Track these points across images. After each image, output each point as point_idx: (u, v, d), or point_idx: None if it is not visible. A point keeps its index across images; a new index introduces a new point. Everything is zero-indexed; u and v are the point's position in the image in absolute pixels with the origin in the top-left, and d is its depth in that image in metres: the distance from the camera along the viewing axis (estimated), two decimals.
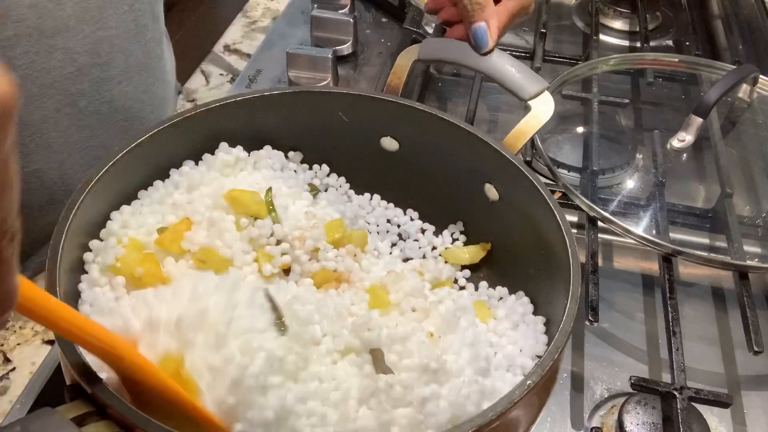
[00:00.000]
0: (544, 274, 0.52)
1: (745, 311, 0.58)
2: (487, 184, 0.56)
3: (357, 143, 0.60)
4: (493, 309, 0.53)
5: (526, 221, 0.53)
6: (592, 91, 0.81)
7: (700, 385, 0.53)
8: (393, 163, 0.60)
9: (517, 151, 0.56)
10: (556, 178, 0.66)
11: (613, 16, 1.02)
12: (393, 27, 0.96)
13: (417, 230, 0.60)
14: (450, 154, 0.57)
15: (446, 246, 0.58)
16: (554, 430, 0.53)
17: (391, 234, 0.59)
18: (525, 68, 0.59)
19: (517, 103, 0.57)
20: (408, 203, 0.61)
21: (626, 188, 0.73)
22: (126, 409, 0.35)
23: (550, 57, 0.89)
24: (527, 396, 0.38)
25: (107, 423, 0.35)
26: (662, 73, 0.87)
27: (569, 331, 0.42)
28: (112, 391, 0.35)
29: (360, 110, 0.58)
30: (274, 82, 0.84)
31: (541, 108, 0.57)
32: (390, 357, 0.42)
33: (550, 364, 0.40)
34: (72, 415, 0.34)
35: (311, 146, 0.60)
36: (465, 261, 0.57)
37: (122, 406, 0.35)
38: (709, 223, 0.71)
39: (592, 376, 0.57)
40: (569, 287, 0.45)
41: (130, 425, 0.35)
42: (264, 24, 0.96)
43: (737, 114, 0.84)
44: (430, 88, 0.87)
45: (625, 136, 0.80)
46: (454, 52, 0.61)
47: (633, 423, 0.50)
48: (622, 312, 0.63)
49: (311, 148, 0.60)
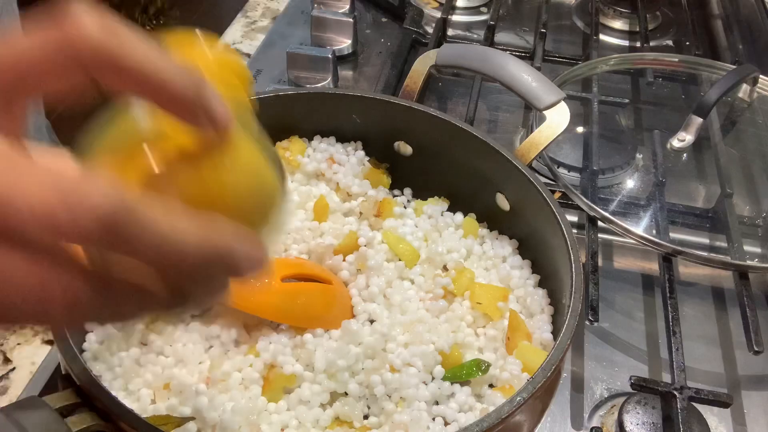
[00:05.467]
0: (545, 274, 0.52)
1: (745, 311, 0.58)
2: (498, 194, 0.56)
3: (369, 146, 0.60)
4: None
5: (534, 231, 0.53)
6: (592, 91, 0.81)
7: (700, 385, 0.53)
8: (406, 167, 0.60)
9: (529, 161, 0.56)
10: (556, 178, 0.66)
11: (613, 16, 1.02)
12: (393, 27, 0.96)
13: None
14: (462, 161, 0.57)
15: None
16: (554, 430, 0.53)
17: None
18: (542, 78, 0.59)
19: (517, 103, 0.57)
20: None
21: (626, 188, 0.73)
22: (112, 402, 0.35)
23: (550, 57, 0.89)
24: (530, 400, 0.38)
25: (92, 414, 0.35)
26: (662, 73, 0.87)
27: (572, 332, 0.42)
28: (100, 384, 0.36)
29: (374, 113, 0.58)
30: (274, 82, 0.84)
31: (557, 118, 0.57)
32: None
33: (553, 366, 0.40)
34: (58, 405, 0.35)
35: None
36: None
37: (108, 399, 0.36)
38: (709, 223, 0.71)
39: (592, 376, 0.57)
40: (570, 287, 0.45)
41: (115, 417, 0.35)
42: (264, 24, 0.96)
43: (737, 114, 0.84)
44: (431, 87, 0.87)
45: (625, 136, 0.80)
46: (472, 58, 0.61)
47: (633, 423, 0.50)
48: (622, 312, 0.63)
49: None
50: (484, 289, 0.52)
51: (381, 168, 0.60)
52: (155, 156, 0.27)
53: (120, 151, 0.27)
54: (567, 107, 0.57)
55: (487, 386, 0.48)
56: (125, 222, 0.22)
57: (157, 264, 0.24)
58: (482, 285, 0.52)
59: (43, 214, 0.21)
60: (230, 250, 0.25)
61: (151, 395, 0.45)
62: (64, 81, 0.25)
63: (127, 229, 0.22)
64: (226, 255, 0.25)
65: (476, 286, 0.52)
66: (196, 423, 0.43)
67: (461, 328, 0.50)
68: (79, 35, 0.23)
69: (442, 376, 0.47)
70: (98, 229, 0.21)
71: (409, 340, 0.48)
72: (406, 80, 0.63)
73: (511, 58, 0.60)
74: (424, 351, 0.47)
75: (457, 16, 1.00)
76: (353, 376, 0.46)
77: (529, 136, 0.57)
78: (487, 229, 0.58)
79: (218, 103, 0.26)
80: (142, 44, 0.24)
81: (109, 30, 0.24)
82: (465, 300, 0.51)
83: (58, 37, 0.23)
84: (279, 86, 0.81)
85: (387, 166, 0.61)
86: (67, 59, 0.24)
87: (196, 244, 0.24)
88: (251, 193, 0.29)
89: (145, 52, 0.24)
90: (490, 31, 0.91)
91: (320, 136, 0.60)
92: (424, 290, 0.52)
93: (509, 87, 0.59)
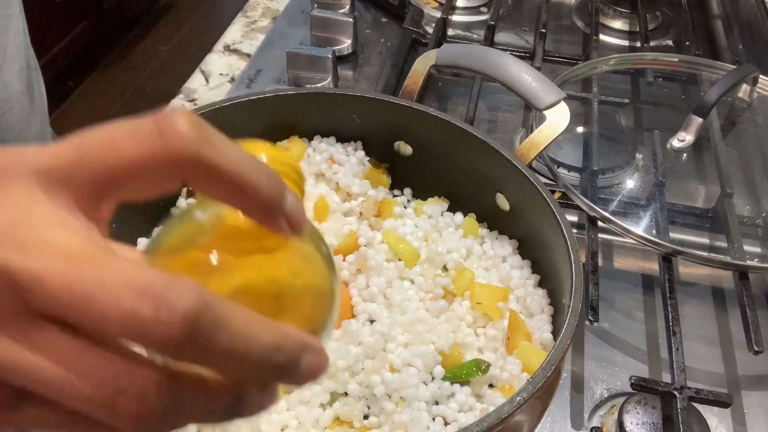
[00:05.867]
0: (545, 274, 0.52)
1: (745, 311, 0.58)
2: (498, 194, 0.56)
3: (369, 146, 0.60)
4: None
5: (534, 231, 0.53)
6: (592, 91, 0.81)
7: (700, 385, 0.53)
8: (406, 167, 0.60)
9: (529, 161, 0.56)
10: (556, 178, 0.66)
11: (613, 16, 1.02)
12: (393, 27, 0.96)
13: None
14: (462, 161, 0.57)
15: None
16: (554, 430, 0.53)
17: None
18: (542, 78, 0.59)
19: (517, 103, 0.57)
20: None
21: (626, 188, 0.73)
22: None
23: (550, 57, 0.89)
24: (530, 400, 0.38)
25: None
26: (662, 73, 0.87)
27: (572, 332, 0.42)
28: None
29: (374, 113, 0.58)
30: (274, 82, 0.84)
31: (557, 119, 0.57)
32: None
33: (553, 366, 0.40)
34: None
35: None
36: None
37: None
38: (709, 223, 0.71)
39: (592, 376, 0.57)
40: (570, 287, 0.45)
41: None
42: (264, 24, 0.96)
43: (737, 114, 0.84)
44: (430, 87, 0.87)
45: (625, 136, 0.80)
46: (472, 58, 0.61)
47: (633, 423, 0.50)
48: (622, 312, 0.63)
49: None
50: (484, 289, 0.52)
51: (381, 168, 0.60)
52: (227, 257, 0.27)
53: (191, 251, 0.28)
54: (567, 107, 0.57)
55: (487, 386, 0.48)
56: (208, 322, 0.22)
57: (229, 369, 0.24)
58: (482, 285, 0.52)
59: (127, 311, 0.21)
60: (300, 358, 0.25)
61: None
62: (156, 185, 0.25)
63: (210, 330, 0.22)
64: (295, 362, 0.25)
65: (476, 286, 0.52)
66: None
67: (461, 328, 0.50)
68: (179, 145, 0.24)
69: (442, 376, 0.47)
70: (182, 329, 0.21)
71: (409, 340, 0.48)
72: (406, 80, 0.63)
73: (511, 58, 0.60)
74: (424, 351, 0.47)
75: (457, 16, 1.00)
76: (353, 376, 0.46)
77: (529, 136, 0.57)
78: (487, 229, 0.58)
79: (297, 207, 0.27)
80: (235, 151, 0.25)
81: (206, 138, 0.25)
82: (465, 300, 0.51)
83: (159, 144, 0.24)
84: (279, 86, 0.81)
85: (387, 166, 0.61)
86: (166, 166, 0.24)
87: (270, 350, 0.24)
88: (315, 296, 0.29)
89: (237, 160, 0.25)
90: (490, 31, 0.91)
91: (320, 136, 0.60)
92: (424, 290, 0.52)
93: (509, 87, 0.59)
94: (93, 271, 0.22)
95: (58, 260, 0.22)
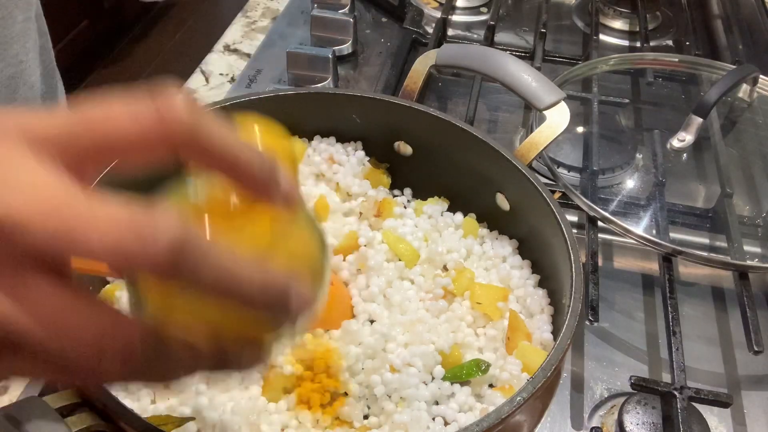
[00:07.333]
0: (545, 274, 0.52)
1: (745, 311, 0.58)
2: (498, 194, 0.56)
3: (369, 146, 0.60)
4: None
5: (534, 231, 0.53)
6: (592, 91, 0.81)
7: (700, 385, 0.53)
8: (405, 167, 0.60)
9: (529, 161, 0.56)
10: (556, 178, 0.66)
11: (613, 16, 1.02)
12: (393, 27, 0.96)
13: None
14: (462, 161, 0.57)
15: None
16: (554, 430, 0.53)
17: None
18: (542, 78, 0.59)
19: (517, 103, 0.57)
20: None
21: (626, 188, 0.73)
22: (112, 402, 0.35)
23: (550, 57, 0.89)
24: (530, 400, 0.38)
25: (92, 415, 0.35)
26: (662, 73, 0.87)
27: (572, 332, 0.42)
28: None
29: (374, 113, 0.58)
30: (274, 82, 0.84)
31: (557, 119, 0.57)
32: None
33: (553, 366, 0.40)
34: (58, 405, 0.35)
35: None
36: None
37: (108, 399, 0.36)
38: (709, 223, 0.71)
39: (592, 376, 0.57)
40: (571, 287, 0.45)
41: (115, 417, 0.35)
42: (264, 24, 0.96)
43: (737, 114, 0.84)
44: (430, 87, 0.87)
45: (625, 136, 0.80)
46: (472, 58, 0.61)
47: (633, 423, 0.50)
48: (622, 312, 0.63)
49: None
50: (484, 289, 0.52)
51: (381, 168, 0.60)
52: (219, 214, 0.28)
53: (185, 206, 0.29)
54: (567, 107, 0.57)
55: (487, 386, 0.48)
56: (192, 250, 0.23)
57: (216, 294, 0.25)
58: (482, 285, 0.52)
59: (113, 241, 0.22)
60: (286, 286, 0.26)
61: (151, 395, 0.45)
62: (146, 155, 0.26)
63: (194, 257, 0.23)
64: (282, 290, 0.26)
65: (476, 286, 0.52)
66: (196, 423, 0.43)
67: (461, 328, 0.50)
68: (173, 117, 0.25)
69: (442, 376, 0.47)
70: (166, 255, 0.22)
71: (409, 340, 0.48)
72: (406, 80, 0.63)
73: (511, 58, 0.60)
74: (424, 351, 0.47)
75: (457, 16, 1.00)
76: (353, 376, 0.46)
77: (529, 136, 0.57)
78: (487, 229, 0.58)
79: (288, 181, 0.29)
80: (225, 129, 0.27)
81: (198, 114, 0.26)
82: (465, 300, 0.51)
83: (153, 116, 0.25)
84: (279, 86, 0.81)
85: (387, 166, 0.61)
86: (158, 138, 0.25)
87: (255, 277, 0.25)
88: (305, 267, 0.30)
89: (227, 137, 0.27)
90: (490, 31, 0.91)
91: (320, 136, 0.60)
92: (424, 290, 0.52)
93: (509, 87, 0.59)
94: (79, 210, 0.22)
95: (44, 204, 0.22)
